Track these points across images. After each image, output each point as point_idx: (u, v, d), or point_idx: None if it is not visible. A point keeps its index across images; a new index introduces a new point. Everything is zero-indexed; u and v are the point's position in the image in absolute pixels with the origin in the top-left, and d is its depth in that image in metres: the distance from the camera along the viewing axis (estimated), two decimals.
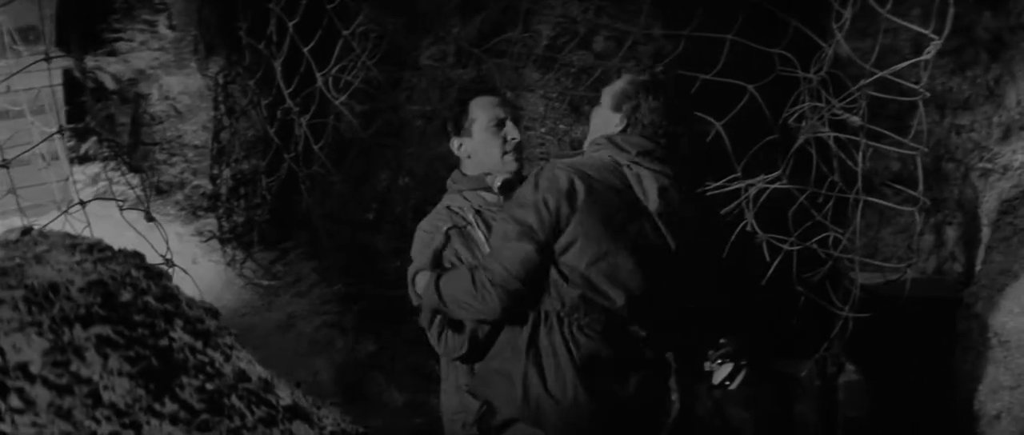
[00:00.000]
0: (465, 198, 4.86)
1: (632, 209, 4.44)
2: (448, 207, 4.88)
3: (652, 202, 4.46)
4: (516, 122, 4.89)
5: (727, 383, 7.09)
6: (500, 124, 4.84)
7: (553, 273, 4.34)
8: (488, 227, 4.71)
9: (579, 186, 4.30)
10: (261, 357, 7.19)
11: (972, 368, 6.16)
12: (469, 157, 4.91)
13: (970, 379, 6.16)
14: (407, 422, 7.43)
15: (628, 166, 4.48)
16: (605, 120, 4.67)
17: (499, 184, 4.80)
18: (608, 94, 4.70)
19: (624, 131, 4.58)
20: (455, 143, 4.94)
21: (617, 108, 4.61)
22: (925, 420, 6.68)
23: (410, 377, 7.76)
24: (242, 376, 3.31)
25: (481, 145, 4.85)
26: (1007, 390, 5.84)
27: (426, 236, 4.80)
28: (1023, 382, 5.75)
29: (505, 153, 4.83)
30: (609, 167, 4.47)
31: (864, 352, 6.95)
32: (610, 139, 4.57)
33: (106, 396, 2.92)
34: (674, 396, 4.80)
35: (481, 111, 4.85)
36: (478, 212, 4.79)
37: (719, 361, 7.01)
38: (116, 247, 3.88)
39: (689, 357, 4.88)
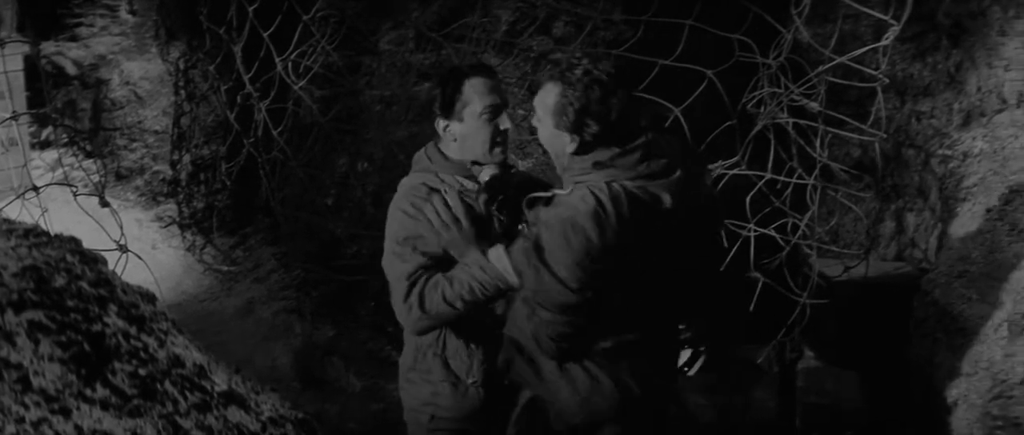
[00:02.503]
0: (441, 179, 4.63)
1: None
2: (424, 184, 4.61)
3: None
4: (506, 109, 4.61)
5: (686, 369, 7.09)
6: (495, 112, 4.56)
7: None
8: (469, 211, 4.49)
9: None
10: (220, 342, 7.20)
11: (929, 355, 6.17)
12: (454, 141, 4.62)
13: (927, 365, 6.18)
14: (364, 407, 7.41)
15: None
16: (554, 138, 4.32)
17: (487, 180, 4.61)
18: (546, 110, 4.31)
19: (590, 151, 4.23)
20: (441, 124, 4.62)
21: (565, 128, 4.23)
22: (884, 406, 6.70)
23: (368, 363, 7.75)
24: (176, 361, 3.27)
25: (471, 132, 4.56)
26: (963, 377, 5.85)
27: (409, 221, 4.54)
28: (979, 369, 5.76)
29: (495, 144, 4.58)
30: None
31: (823, 338, 6.96)
32: (597, 165, 4.22)
33: (36, 381, 2.89)
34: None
35: (476, 96, 4.54)
36: (460, 195, 4.55)
37: None
38: (66, 233, 3.84)
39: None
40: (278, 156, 7.70)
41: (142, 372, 3.12)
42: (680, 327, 4.90)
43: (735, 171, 6.11)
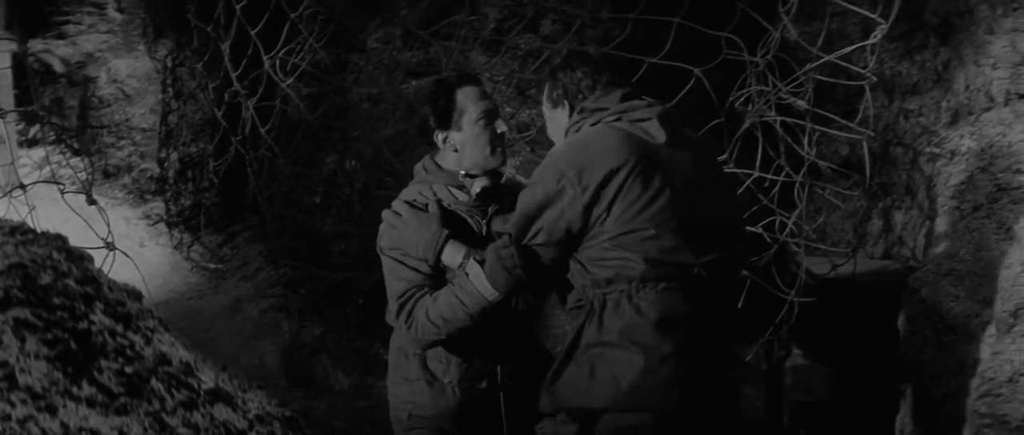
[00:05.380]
0: (433, 190, 4.67)
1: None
2: (406, 201, 4.66)
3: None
4: (499, 115, 4.70)
5: None
6: (491, 116, 4.62)
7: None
8: (450, 220, 4.56)
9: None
10: (207, 340, 7.19)
11: (917, 353, 6.17)
12: (455, 150, 4.66)
13: (915, 363, 6.18)
14: (351, 405, 7.41)
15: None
16: (556, 118, 4.48)
17: (478, 191, 4.65)
18: (546, 101, 4.51)
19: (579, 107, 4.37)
20: (440, 137, 4.67)
21: (561, 100, 4.40)
22: (871, 404, 6.70)
23: (355, 360, 7.76)
24: (163, 359, 3.27)
25: (470, 139, 4.61)
26: (951, 375, 5.85)
27: (393, 231, 4.60)
28: (967, 367, 5.76)
29: (495, 149, 4.62)
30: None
31: (811, 336, 6.96)
32: (584, 110, 4.34)
33: (22, 379, 2.89)
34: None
35: (470, 103, 4.61)
36: (441, 205, 4.60)
37: None
38: (53, 231, 3.83)
39: None
40: (266, 154, 7.69)
41: (128, 370, 3.12)
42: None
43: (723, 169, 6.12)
